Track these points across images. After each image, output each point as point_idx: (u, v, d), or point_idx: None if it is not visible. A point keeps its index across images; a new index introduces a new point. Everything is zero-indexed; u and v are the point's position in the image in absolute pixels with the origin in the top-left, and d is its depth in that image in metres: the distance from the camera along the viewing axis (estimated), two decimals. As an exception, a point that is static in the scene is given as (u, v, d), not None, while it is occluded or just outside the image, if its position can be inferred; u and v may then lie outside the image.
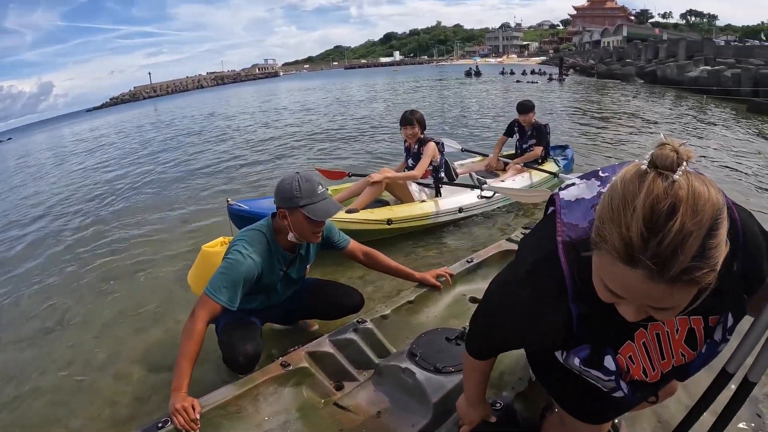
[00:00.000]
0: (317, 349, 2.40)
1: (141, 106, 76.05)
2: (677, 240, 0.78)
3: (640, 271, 0.82)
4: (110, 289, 4.72)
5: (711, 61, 25.45)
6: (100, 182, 11.03)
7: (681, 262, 0.79)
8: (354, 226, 4.54)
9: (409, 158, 5.29)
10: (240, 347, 2.44)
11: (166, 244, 5.77)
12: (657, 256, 0.79)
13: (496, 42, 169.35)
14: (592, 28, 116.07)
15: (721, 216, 0.81)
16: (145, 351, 3.45)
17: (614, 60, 41.47)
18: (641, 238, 0.80)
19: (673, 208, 0.78)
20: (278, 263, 2.58)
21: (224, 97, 52.75)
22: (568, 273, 1.07)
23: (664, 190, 0.80)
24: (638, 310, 0.92)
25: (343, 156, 10.66)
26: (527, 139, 6.32)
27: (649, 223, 0.79)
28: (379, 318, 2.65)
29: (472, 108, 19.01)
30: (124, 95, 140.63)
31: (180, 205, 7.67)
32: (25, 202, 10.48)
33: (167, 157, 13.30)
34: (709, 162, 7.82)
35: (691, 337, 1.13)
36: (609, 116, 14.31)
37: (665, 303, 0.87)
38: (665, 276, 0.80)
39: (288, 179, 2.41)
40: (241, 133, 17.11)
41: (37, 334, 4.01)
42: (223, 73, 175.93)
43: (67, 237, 6.87)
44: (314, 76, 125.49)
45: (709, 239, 0.80)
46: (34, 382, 3.28)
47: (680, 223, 0.78)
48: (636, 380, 1.19)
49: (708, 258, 0.80)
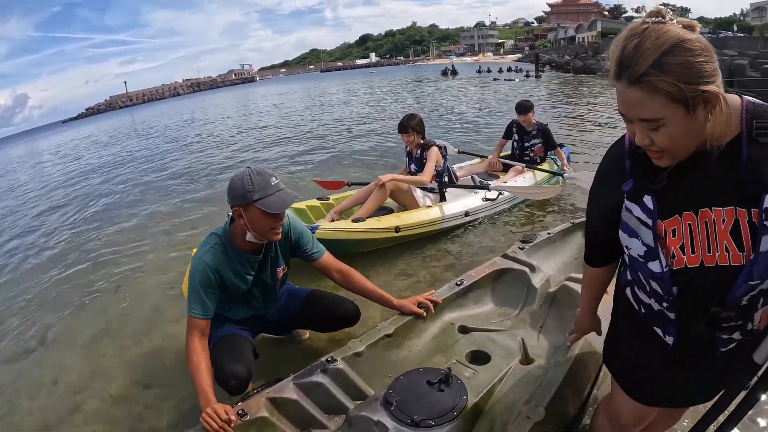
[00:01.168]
0: (279, 394, 2.15)
1: (118, 115, 75.56)
2: (637, 49, 1.03)
3: (621, 83, 1.08)
4: (92, 305, 4.61)
5: (685, 53, 25.69)
6: (77, 196, 10.84)
7: (639, 65, 1.03)
8: (361, 235, 4.42)
9: (411, 163, 5.20)
10: (229, 369, 2.35)
11: (148, 258, 5.66)
12: (621, 60, 1.07)
13: (472, 41, 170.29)
14: (566, 24, 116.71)
15: (691, 48, 1.02)
16: (132, 368, 3.36)
17: (589, 55, 41.91)
18: (616, 53, 1.08)
19: (642, 33, 1.04)
20: (243, 267, 2.49)
21: (201, 104, 52.54)
22: (628, 138, 1.32)
23: (641, 25, 1.07)
24: (641, 132, 1.13)
25: (330, 163, 10.47)
26: (530, 139, 6.25)
27: (623, 39, 1.08)
28: (351, 356, 2.37)
29: (454, 109, 18.95)
30: (101, 105, 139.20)
31: (161, 216, 7.55)
32: (3, 217, 10.27)
33: (145, 167, 13.15)
34: None
35: (737, 232, 1.15)
36: (587, 111, 14.44)
37: (642, 111, 1.08)
38: (627, 76, 1.05)
39: (239, 175, 2.32)
40: (220, 140, 17.03)
41: (19, 354, 3.90)
42: (200, 80, 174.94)
43: (45, 252, 6.74)
44: (291, 80, 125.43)
45: (666, 56, 1.01)
46: (18, 405, 3.19)
47: (639, 41, 1.04)
48: (682, 273, 1.21)
49: (666, 71, 1.01)
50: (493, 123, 13.56)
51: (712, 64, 1.04)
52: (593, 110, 14.41)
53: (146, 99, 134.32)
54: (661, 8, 1.07)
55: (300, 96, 40.25)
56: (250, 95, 57.75)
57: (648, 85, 1.03)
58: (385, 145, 11.62)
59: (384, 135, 13.05)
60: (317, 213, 5.08)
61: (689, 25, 1.06)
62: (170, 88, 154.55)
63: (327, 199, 5.25)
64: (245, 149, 13.82)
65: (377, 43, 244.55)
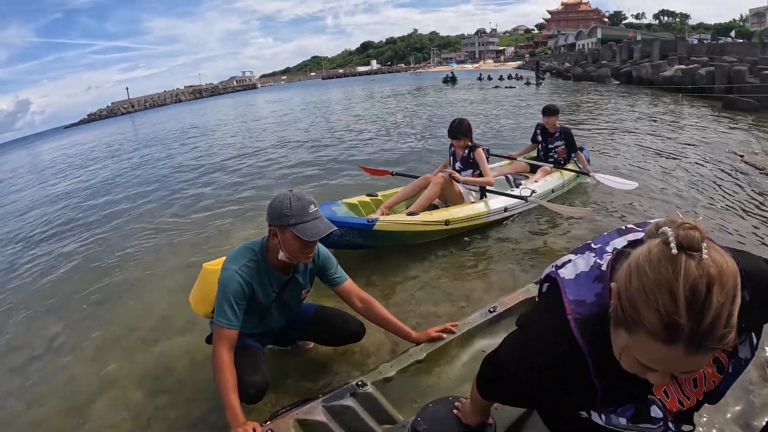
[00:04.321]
0: (309, 416, 2.16)
1: (119, 121, 75.23)
2: (715, 316, 0.85)
3: (680, 347, 0.88)
4: (98, 312, 4.61)
5: (685, 59, 25.83)
6: (80, 202, 10.83)
7: (718, 334, 0.86)
8: (415, 227, 4.73)
9: (456, 162, 5.50)
10: (249, 379, 2.38)
11: (154, 265, 5.65)
12: (697, 333, 0.86)
13: (473, 48, 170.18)
14: (566, 31, 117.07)
15: (738, 279, 0.89)
16: (140, 376, 3.35)
17: (590, 62, 41.88)
18: (686, 319, 0.86)
19: (708, 288, 0.85)
20: (271, 284, 2.54)
21: (202, 110, 52.50)
22: (587, 349, 1.12)
23: (697, 271, 0.86)
24: (666, 375, 0.99)
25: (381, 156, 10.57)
26: (553, 141, 6.54)
27: (692, 306, 0.85)
28: (381, 381, 2.38)
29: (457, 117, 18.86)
30: (102, 111, 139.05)
31: (167, 223, 7.53)
32: (6, 223, 10.30)
33: (149, 174, 13.09)
34: (680, 165, 7.93)
35: (719, 364, 1.23)
36: (587, 118, 14.47)
37: (696, 367, 0.95)
38: (705, 348, 0.88)
39: (280, 197, 2.36)
40: (225, 146, 17.03)
41: (25, 363, 3.88)
42: (201, 87, 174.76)
43: (49, 259, 6.72)
44: (292, 86, 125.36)
45: (733, 305, 0.88)
46: (25, 415, 3.18)
47: (716, 300, 0.85)
48: (675, 412, 1.26)
49: (732, 323, 0.88)
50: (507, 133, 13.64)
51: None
52: (594, 117, 14.46)
53: (148, 105, 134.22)
54: (694, 233, 0.89)
55: (299, 102, 40.41)
56: (252, 101, 57.73)
57: (719, 347, 0.90)
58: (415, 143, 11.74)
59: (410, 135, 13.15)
60: (367, 208, 5.29)
61: (706, 234, 0.92)
62: (172, 94, 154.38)
63: (375, 196, 5.50)
64: (254, 154, 13.72)
65: (378, 50, 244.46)
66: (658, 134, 10.61)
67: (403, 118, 19.52)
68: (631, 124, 12.35)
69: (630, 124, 12.34)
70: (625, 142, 9.94)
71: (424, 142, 12.65)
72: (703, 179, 6.84)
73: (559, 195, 6.18)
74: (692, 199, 6.07)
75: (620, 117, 14.08)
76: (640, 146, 9.42)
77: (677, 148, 8.94)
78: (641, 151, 8.94)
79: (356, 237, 4.49)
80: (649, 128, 11.59)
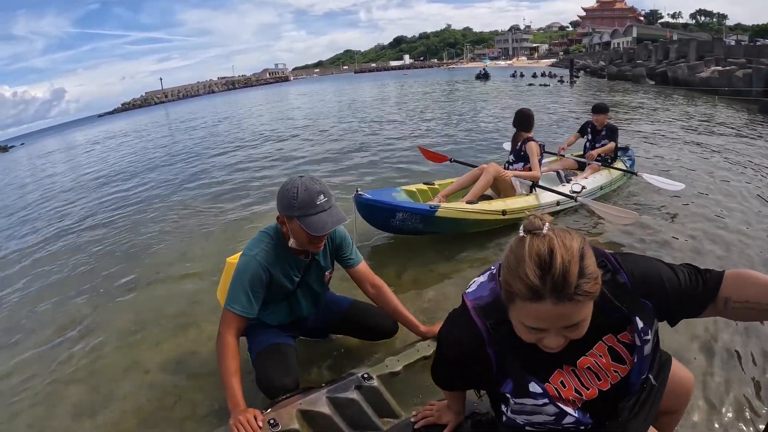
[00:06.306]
0: (312, 407, 2.12)
1: (152, 111, 76.32)
2: (563, 270, 1.10)
3: (547, 301, 1.12)
4: (127, 296, 4.68)
5: (722, 61, 25.23)
6: (115, 188, 11.02)
7: (572, 283, 1.10)
8: (473, 216, 4.87)
9: (511, 155, 5.68)
10: (280, 381, 2.33)
11: (184, 251, 5.72)
12: (554, 285, 1.11)
13: (506, 44, 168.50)
14: (601, 29, 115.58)
15: (584, 247, 1.16)
16: (167, 361, 3.38)
17: (624, 61, 41.31)
18: (538, 278, 1.11)
19: (551, 251, 1.12)
20: (292, 268, 2.48)
21: (237, 102, 52.77)
22: (482, 325, 1.39)
23: (539, 242, 1.15)
24: (558, 336, 1.21)
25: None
26: (600, 139, 6.63)
27: (540, 266, 1.12)
28: (387, 375, 2.34)
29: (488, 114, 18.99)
30: (136, 101, 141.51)
31: (199, 210, 7.57)
32: (42, 207, 10.56)
33: (183, 163, 13.16)
34: (721, 167, 7.78)
35: (616, 355, 1.40)
36: (627, 117, 14.22)
37: (575, 318, 1.17)
38: (566, 296, 1.11)
39: (289, 184, 2.24)
40: (260, 136, 17.07)
41: (55, 343, 3.97)
42: (234, 78, 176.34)
43: (81, 243, 6.88)
44: (325, 80, 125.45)
45: (583, 261, 1.13)
46: (53, 391, 3.26)
47: (560, 258, 1.11)
48: (588, 401, 1.41)
49: (587, 275, 1.13)
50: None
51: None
52: (632, 117, 14.26)
53: (181, 96, 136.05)
54: (535, 220, 1.21)
55: (333, 96, 40.62)
56: (285, 93, 57.83)
57: (584, 295, 1.13)
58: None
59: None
60: (425, 196, 5.51)
61: (550, 221, 1.22)
62: (205, 85, 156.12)
63: (432, 184, 5.69)
64: (293, 146, 13.61)
65: (411, 45, 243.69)
66: (698, 136, 10.47)
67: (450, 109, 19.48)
68: (669, 125, 12.20)
69: (668, 125, 12.19)
70: (666, 143, 9.82)
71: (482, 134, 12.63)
72: (747, 183, 6.65)
73: (607, 192, 6.22)
74: (740, 197, 5.95)
75: (657, 117, 13.90)
76: (681, 147, 9.28)
77: (717, 150, 8.79)
78: (683, 152, 8.79)
79: (418, 222, 4.65)
80: (687, 129, 11.44)
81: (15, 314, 4.75)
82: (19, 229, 8.78)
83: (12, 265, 6.45)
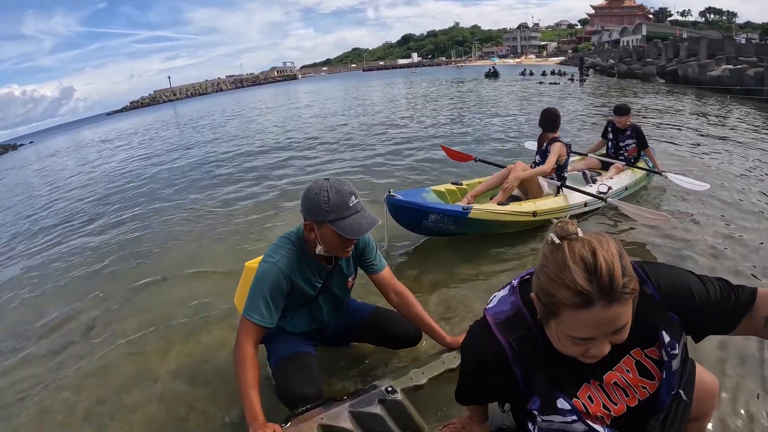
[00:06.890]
0: (334, 422, 2.05)
1: (161, 109, 76.41)
2: (609, 269, 1.10)
3: (597, 305, 1.11)
4: (136, 299, 4.62)
5: (732, 59, 25.06)
6: (123, 187, 10.98)
7: (618, 283, 1.10)
8: (505, 217, 4.82)
9: (537, 155, 5.63)
10: (301, 392, 2.26)
11: (195, 253, 5.62)
12: (602, 287, 1.10)
13: (515, 42, 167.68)
14: (610, 27, 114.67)
15: (619, 246, 1.17)
16: (178, 367, 3.30)
17: (634, 59, 41.04)
18: (587, 281, 1.11)
19: (593, 253, 1.12)
20: (313, 275, 2.39)
21: (245, 100, 52.65)
22: (505, 342, 1.39)
23: (579, 245, 1.15)
24: (605, 342, 1.20)
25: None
26: (624, 139, 6.60)
27: (586, 269, 1.11)
28: (412, 388, 2.26)
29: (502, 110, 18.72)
30: (144, 99, 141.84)
31: (211, 212, 7.45)
32: (49, 207, 10.52)
33: (192, 163, 13.06)
34: (747, 168, 7.64)
35: (644, 370, 1.37)
36: (640, 116, 13.77)
37: (623, 320, 1.16)
38: (615, 296, 1.11)
39: (316, 188, 2.13)
40: (272, 134, 17.03)
41: (62, 346, 3.91)
42: (242, 76, 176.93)
43: (91, 243, 6.84)
44: (333, 78, 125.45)
45: (622, 260, 1.14)
46: (61, 399, 3.18)
47: (603, 259, 1.11)
48: (617, 418, 1.38)
49: (629, 273, 1.14)
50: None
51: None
52: (645, 115, 13.94)
53: (190, 94, 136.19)
54: (567, 226, 1.21)
55: (342, 94, 40.57)
56: (294, 92, 57.68)
57: (630, 294, 1.14)
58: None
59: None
60: (453, 197, 5.47)
61: (575, 225, 1.22)
62: (213, 83, 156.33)
63: (461, 185, 5.64)
64: (306, 148, 13.49)
65: (419, 44, 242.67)
66: (715, 135, 10.33)
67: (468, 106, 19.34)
68: (683, 123, 12.09)
69: (682, 124, 12.08)
70: (683, 142, 9.71)
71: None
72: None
73: (632, 193, 6.16)
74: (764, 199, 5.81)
75: (671, 116, 13.74)
76: (698, 146, 9.16)
77: (739, 149, 8.71)
78: (701, 152, 8.66)
79: (450, 224, 4.59)
80: (702, 128, 11.33)
81: (21, 318, 4.71)
82: (27, 228, 8.78)
83: (19, 265, 6.45)
